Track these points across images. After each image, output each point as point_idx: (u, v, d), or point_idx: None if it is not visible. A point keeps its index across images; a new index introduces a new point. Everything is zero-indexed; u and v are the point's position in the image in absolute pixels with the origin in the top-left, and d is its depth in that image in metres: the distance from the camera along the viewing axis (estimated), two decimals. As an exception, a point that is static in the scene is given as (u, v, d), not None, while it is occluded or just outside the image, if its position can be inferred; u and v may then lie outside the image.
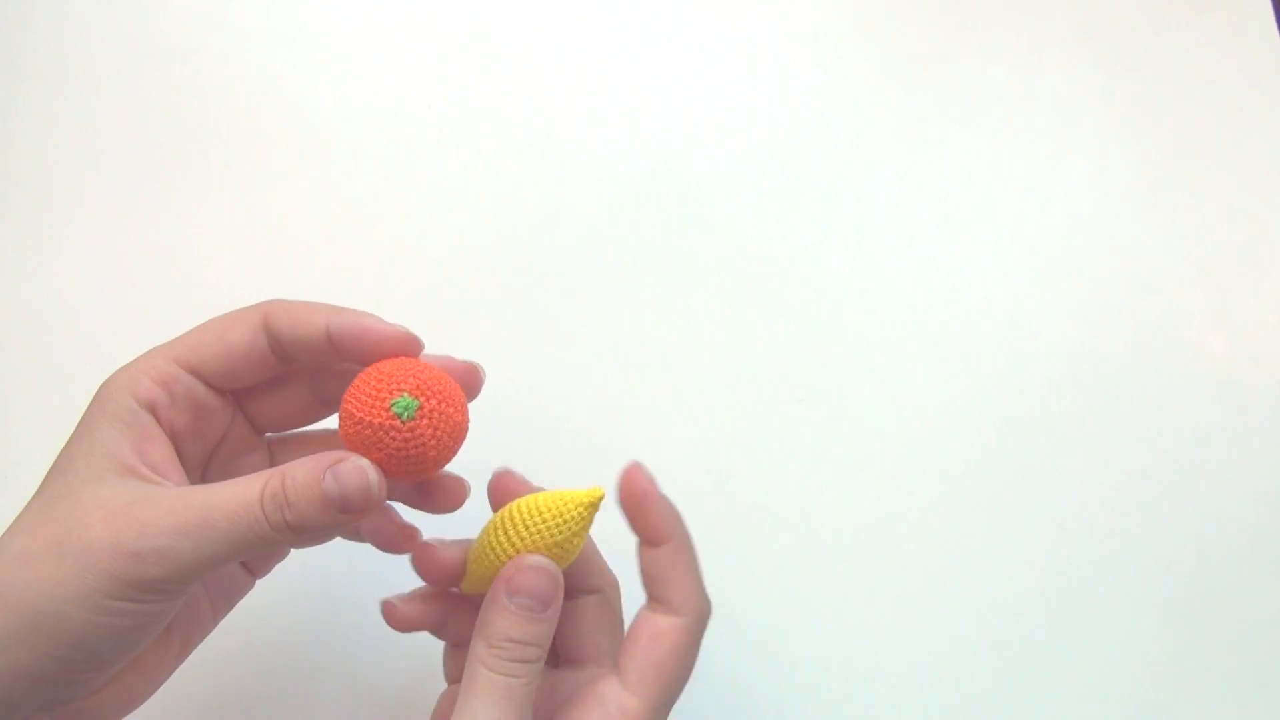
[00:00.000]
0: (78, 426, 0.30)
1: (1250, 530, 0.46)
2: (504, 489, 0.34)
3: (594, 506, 0.32)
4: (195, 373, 0.31)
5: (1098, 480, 0.47)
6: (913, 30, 0.53)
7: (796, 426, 0.46)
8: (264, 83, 0.49)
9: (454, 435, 0.31)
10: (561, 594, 0.31)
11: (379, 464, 0.30)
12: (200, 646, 0.34)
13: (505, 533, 0.31)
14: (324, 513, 0.28)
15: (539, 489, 0.34)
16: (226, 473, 0.34)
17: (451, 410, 0.31)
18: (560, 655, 0.34)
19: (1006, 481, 0.46)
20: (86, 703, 0.30)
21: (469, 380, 0.33)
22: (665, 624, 0.31)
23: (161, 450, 0.30)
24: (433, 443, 0.30)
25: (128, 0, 0.50)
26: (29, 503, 0.29)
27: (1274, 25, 0.54)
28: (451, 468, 0.33)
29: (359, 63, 0.50)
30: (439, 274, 0.47)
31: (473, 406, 0.35)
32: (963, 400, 0.47)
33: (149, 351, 0.32)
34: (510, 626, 0.30)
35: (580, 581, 0.34)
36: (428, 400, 0.30)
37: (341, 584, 0.42)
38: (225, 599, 0.34)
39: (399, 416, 0.29)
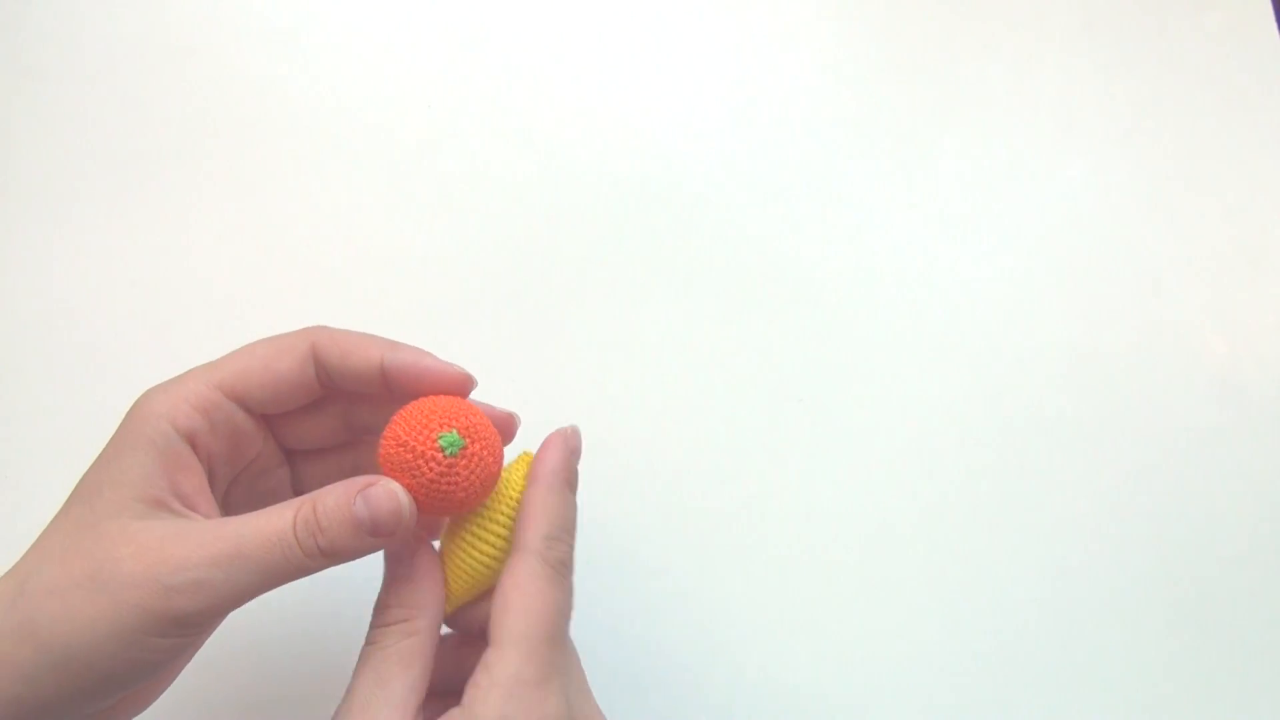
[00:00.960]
0: (108, 447, 0.30)
1: (1251, 530, 0.46)
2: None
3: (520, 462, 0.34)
4: (238, 399, 0.31)
5: (1097, 479, 0.47)
6: (912, 30, 0.53)
7: (795, 426, 0.46)
8: (263, 83, 0.49)
9: (486, 483, 0.32)
10: (410, 531, 0.30)
11: (407, 490, 0.30)
12: (213, 645, 0.34)
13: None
14: (356, 537, 0.28)
15: None
16: (252, 490, 0.34)
17: (490, 460, 0.31)
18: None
19: (1006, 481, 0.46)
20: (105, 714, 0.30)
21: (505, 428, 0.33)
22: (508, 567, 0.31)
23: (194, 481, 0.30)
24: (464, 483, 0.31)
25: (127, 0, 0.50)
26: (53, 526, 0.29)
27: (1274, 25, 0.54)
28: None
29: (359, 63, 0.50)
30: (438, 274, 0.47)
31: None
32: (962, 400, 0.47)
33: (189, 373, 0.31)
34: (380, 594, 0.31)
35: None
36: (473, 443, 0.31)
37: (353, 580, 0.42)
38: None
39: (443, 450, 0.30)
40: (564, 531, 0.32)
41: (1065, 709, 0.44)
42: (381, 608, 0.31)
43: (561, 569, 0.31)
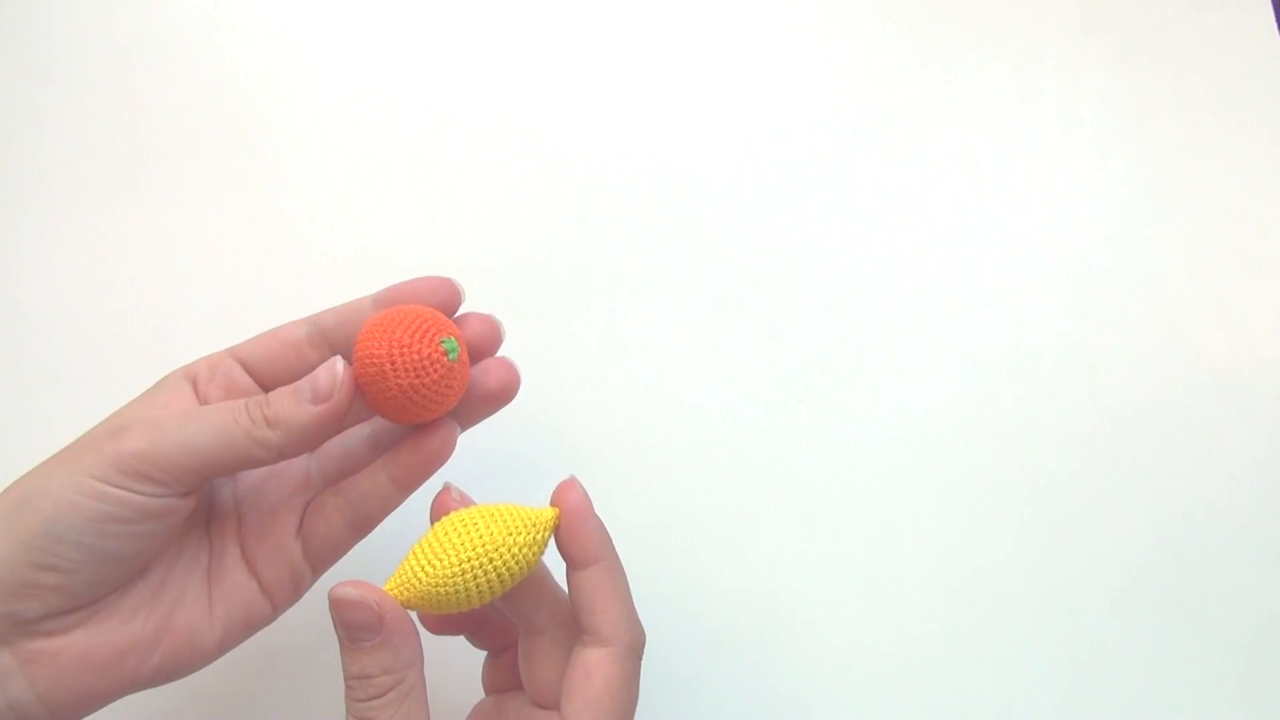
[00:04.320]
0: None
1: (1250, 530, 0.46)
2: (444, 509, 0.33)
3: (550, 528, 0.31)
4: (240, 360, 0.34)
5: (1097, 480, 0.47)
6: (913, 30, 0.53)
7: (797, 427, 0.46)
8: (263, 83, 0.49)
9: (464, 389, 0.33)
10: (385, 618, 0.29)
11: (404, 390, 0.31)
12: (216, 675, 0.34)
13: (455, 542, 0.30)
14: (297, 403, 0.30)
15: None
16: (269, 470, 0.35)
17: (468, 372, 0.34)
18: (530, 697, 0.33)
19: (1006, 481, 0.46)
20: (48, 644, 0.29)
21: (491, 334, 0.35)
22: (595, 658, 0.31)
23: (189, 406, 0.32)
24: (458, 388, 0.33)
25: (127, 0, 0.50)
26: None
27: (1274, 25, 0.54)
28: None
29: (359, 62, 0.50)
30: (436, 274, 0.47)
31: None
32: (962, 400, 0.47)
33: None
34: (349, 663, 0.29)
35: (527, 621, 0.33)
36: (463, 351, 0.33)
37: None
38: (226, 609, 0.33)
39: (447, 354, 0.32)
40: (635, 612, 0.32)
41: (1065, 708, 0.44)
42: (361, 679, 0.29)
43: (639, 656, 0.32)
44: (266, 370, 0.34)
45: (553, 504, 0.32)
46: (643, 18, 0.52)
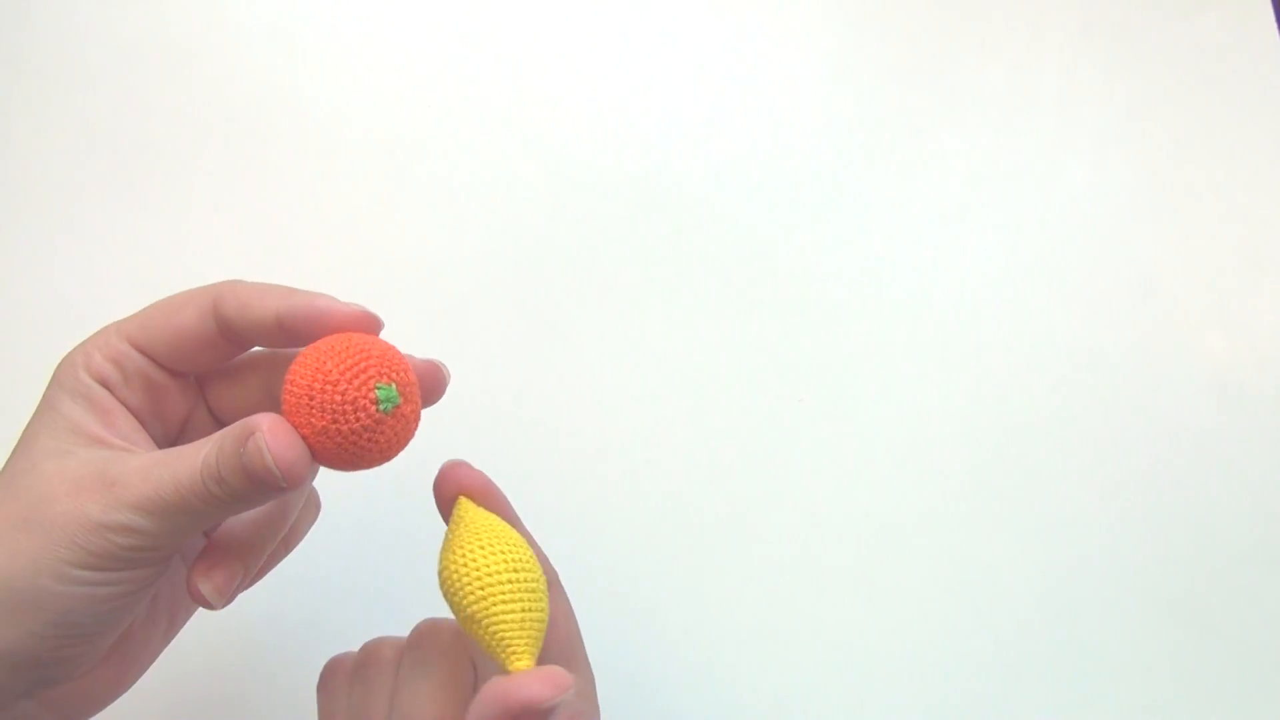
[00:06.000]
0: (39, 405, 0.29)
1: (1250, 530, 0.46)
2: (457, 484, 0.31)
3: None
4: (145, 352, 0.30)
5: (1097, 480, 0.46)
6: (912, 30, 0.53)
7: (796, 427, 0.46)
8: (263, 83, 0.49)
9: (402, 445, 0.29)
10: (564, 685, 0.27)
11: (318, 433, 0.27)
12: (204, 645, 0.34)
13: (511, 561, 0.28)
14: (249, 484, 0.27)
15: (488, 484, 0.31)
16: None
17: (414, 425, 0.29)
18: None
19: (1006, 482, 0.46)
20: (73, 686, 0.29)
21: (433, 380, 0.31)
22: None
23: (127, 422, 0.29)
24: (384, 444, 0.28)
25: (127, 0, 0.50)
26: None
27: (1274, 25, 0.54)
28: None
29: (358, 63, 0.50)
30: (436, 275, 0.47)
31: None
32: (962, 400, 0.47)
33: (102, 328, 0.30)
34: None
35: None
36: (406, 403, 0.28)
37: (349, 577, 0.42)
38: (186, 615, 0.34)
39: (378, 403, 0.27)
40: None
41: (1065, 709, 0.44)
42: None
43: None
44: (175, 362, 0.30)
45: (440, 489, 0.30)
46: (644, 21, 0.52)
